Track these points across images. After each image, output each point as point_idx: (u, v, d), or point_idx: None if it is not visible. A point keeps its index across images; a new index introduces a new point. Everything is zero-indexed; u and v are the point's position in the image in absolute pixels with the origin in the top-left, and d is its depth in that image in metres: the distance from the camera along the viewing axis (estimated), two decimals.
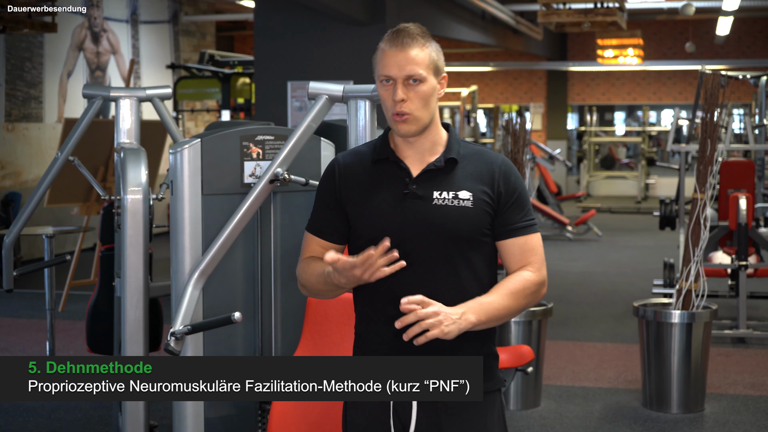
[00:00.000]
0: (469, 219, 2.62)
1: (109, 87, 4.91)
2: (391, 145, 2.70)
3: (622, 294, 9.74)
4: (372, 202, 2.65)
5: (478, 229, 2.64)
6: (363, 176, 2.69)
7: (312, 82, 3.79)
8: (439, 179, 2.65)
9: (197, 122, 16.36)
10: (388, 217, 2.62)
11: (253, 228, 3.85)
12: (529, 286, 2.65)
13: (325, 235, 2.72)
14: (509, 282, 2.65)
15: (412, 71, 2.59)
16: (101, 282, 5.11)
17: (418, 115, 2.62)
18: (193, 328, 3.51)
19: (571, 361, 7.10)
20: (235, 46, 21.47)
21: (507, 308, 2.62)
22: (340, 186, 2.70)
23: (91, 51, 13.84)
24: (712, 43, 20.54)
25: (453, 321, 2.49)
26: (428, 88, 2.62)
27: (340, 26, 9.17)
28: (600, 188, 22.12)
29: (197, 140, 3.73)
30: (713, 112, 5.89)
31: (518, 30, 15.59)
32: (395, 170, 2.67)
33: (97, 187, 5.10)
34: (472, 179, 2.66)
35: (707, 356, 5.86)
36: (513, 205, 2.67)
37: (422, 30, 2.63)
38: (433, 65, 2.63)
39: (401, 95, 2.59)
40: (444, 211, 2.61)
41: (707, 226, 5.85)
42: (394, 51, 2.60)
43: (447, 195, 2.63)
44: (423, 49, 2.61)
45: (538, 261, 2.69)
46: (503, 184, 2.66)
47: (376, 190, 2.66)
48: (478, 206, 2.63)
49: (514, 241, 2.67)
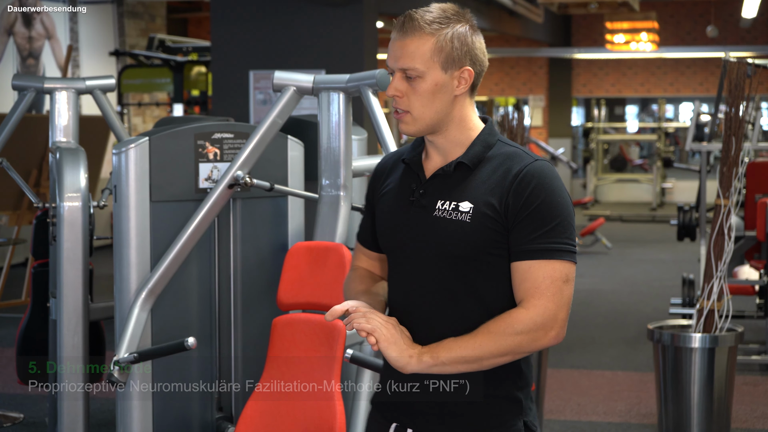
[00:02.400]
0: (465, 235, 2.54)
1: (42, 77, 4.90)
2: (424, 146, 2.70)
3: (635, 315, 9.77)
4: (386, 209, 2.68)
5: (477, 248, 2.55)
6: (392, 179, 2.71)
7: (278, 72, 3.79)
8: (447, 186, 2.59)
9: (145, 118, 16.33)
10: (394, 227, 2.64)
11: (210, 240, 3.85)
12: (513, 324, 2.50)
13: (366, 242, 2.79)
14: (493, 319, 2.53)
15: (405, 64, 2.55)
16: (34, 303, 5.09)
17: (417, 114, 2.57)
18: (141, 355, 3.50)
19: (576, 392, 7.12)
20: (189, 30, 21.45)
21: (479, 347, 2.50)
22: (376, 188, 2.75)
23: (22, 36, 13.80)
24: (737, 27, 20.66)
25: (396, 340, 2.49)
26: (429, 85, 2.56)
27: (310, 7, 9.18)
28: (609, 193, 22.19)
29: (145, 139, 3.72)
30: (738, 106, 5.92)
31: (515, 12, 15.64)
32: (411, 173, 2.66)
33: (29, 193, 5.08)
34: (482, 188, 2.57)
35: (732, 386, 5.88)
36: (525, 220, 2.52)
37: (444, 14, 2.59)
38: (442, 57, 2.56)
39: (392, 91, 2.56)
40: (440, 224, 2.56)
41: (732, 236, 5.87)
42: (395, 38, 2.58)
43: (448, 206, 2.57)
44: (426, 39, 2.55)
45: (539, 296, 2.51)
46: (513, 196, 2.53)
47: (392, 195, 2.68)
48: (477, 221, 2.54)
49: (518, 265, 2.54)
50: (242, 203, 3.89)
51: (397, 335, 2.50)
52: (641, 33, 16.69)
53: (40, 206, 5.02)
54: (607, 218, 17.89)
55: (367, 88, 3.84)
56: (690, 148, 8.99)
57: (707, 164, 8.66)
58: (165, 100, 15.59)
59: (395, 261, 2.64)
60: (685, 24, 21.32)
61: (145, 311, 3.63)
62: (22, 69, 13.76)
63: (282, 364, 3.46)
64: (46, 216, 5.13)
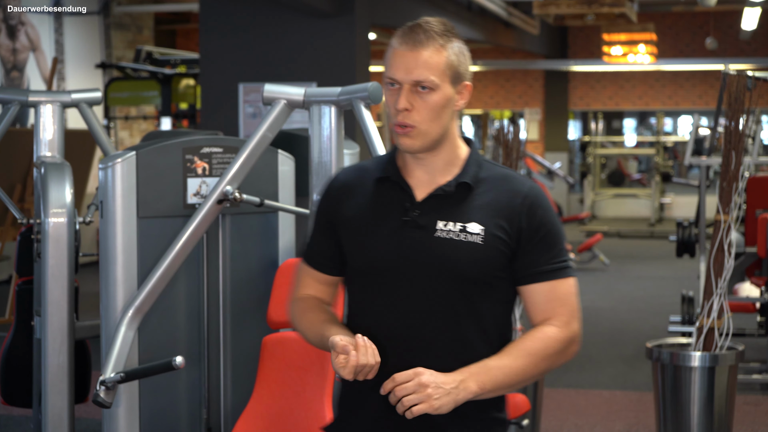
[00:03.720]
0: (477, 258, 2.56)
1: (27, 90, 4.90)
2: (399, 162, 2.66)
3: (634, 333, 9.77)
4: (367, 229, 2.61)
5: (488, 272, 2.58)
6: (362, 197, 2.65)
7: (268, 85, 3.80)
8: (447, 207, 2.60)
9: (132, 132, 16.33)
10: (382, 247, 2.58)
11: (198, 257, 3.85)
12: (551, 344, 2.58)
13: (319, 265, 2.71)
14: (527, 340, 2.58)
15: (421, 76, 2.54)
16: (18, 321, 5.08)
17: (425, 128, 2.56)
18: (127, 375, 3.50)
19: (573, 412, 7.12)
20: (178, 42, 21.46)
21: (522, 373, 2.56)
22: (335, 206, 2.67)
23: (5, 48, 13.81)
24: (737, 39, 20.73)
25: (446, 392, 2.45)
26: (440, 99, 2.56)
27: (300, 19, 9.19)
28: (607, 209, 22.22)
29: (132, 153, 3.72)
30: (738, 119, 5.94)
31: (511, 23, 15.68)
32: (397, 192, 2.63)
33: (13, 209, 5.08)
34: (488, 210, 2.60)
35: (733, 406, 5.88)
36: (539, 243, 2.60)
37: (445, 27, 2.59)
38: (452, 71, 2.58)
39: (404, 103, 2.54)
40: (447, 245, 2.56)
41: (732, 252, 5.88)
42: (404, 50, 2.55)
43: (453, 227, 2.57)
44: (440, 52, 2.56)
45: (566, 313, 2.61)
46: (526, 219, 2.59)
47: (374, 214, 2.62)
48: (489, 243, 2.57)
49: (538, 287, 2.61)
50: (231, 219, 3.90)
51: (445, 388, 2.47)
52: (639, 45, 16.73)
53: (25, 222, 5.02)
54: (604, 234, 17.90)
55: (359, 101, 3.84)
56: (689, 163, 9.01)
57: (707, 179, 8.68)
58: (152, 113, 15.59)
59: (377, 284, 2.59)
60: (684, 36, 21.39)
61: (132, 330, 3.63)
62: (6, 82, 13.76)
63: (272, 384, 3.46)
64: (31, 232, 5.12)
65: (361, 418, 2.63)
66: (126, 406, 3.71)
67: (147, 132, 10.42)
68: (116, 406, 3.69)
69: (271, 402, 3.45)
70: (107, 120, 14.18)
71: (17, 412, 6.63)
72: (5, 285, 11.15)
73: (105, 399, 3.50)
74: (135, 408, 3.73)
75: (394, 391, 2.45)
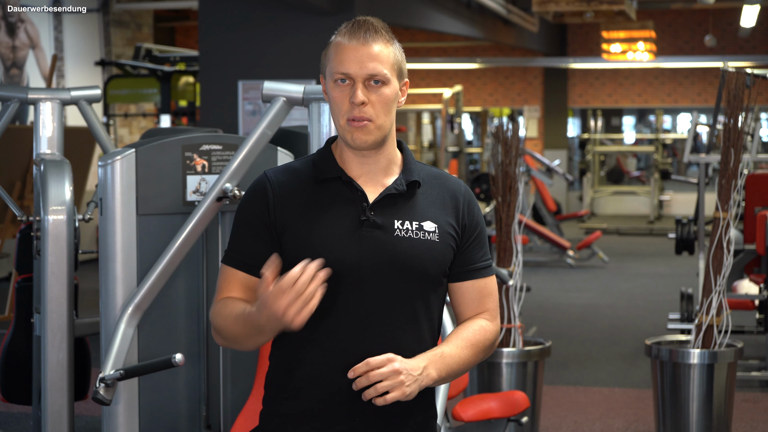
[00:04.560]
0: (435, 255, 2.62)
1: (27, 87, 4.90)
2: (338, 162, 2.65)
3: (633, 330, 9.78)
4: (319, 231, 2.58)
5: (443, 268, 2.65)
6: (303, 198, 2.62)
7: (267, 82, 3.80)
8: (400, 206, 2.62)
9: (132, 129, 16.33)
10: (341, 248, 2.56)
11: (198, 254, 3.85)
12: (489, 337, 2.68)
13: (252, 269, 2.62)
14: (467, 331, 2.66)
15: (375, 70, 2.56)
16: (17, 318, 5.08)
17: (381, 122, 2.58)
18: (127, 372, 3.50)
19: (572, 410, 7.12)
20: (177, 40, 21.46)
21: (466, 363, 2.64)
22: (275, 209, 2.62)
23: (5, 45, 13.80)
24: (736, 36, 20.72)
25: (414, 379, 2.50)
26: (392, 92, 2.59)
27: (300, 16, 9.19)
28: (606, 206, 22.23)
29: (131, 150, 3.72)
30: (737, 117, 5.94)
31: (510, 20, 15.68)
32: (346, 192, 2.62)
33: (13, 206, 5.08)
34: (436, 208, 2.65)
35: (731, 402, 5.88)
36: (475, 240, 2.69)
37: (385, 25, 2.62)
38: (398, 66, 2.62)
39: (361, 97, 2.55)
40: (407, 244, 2.59)
41: (731, 250, 5.88)
42: (355, 44, 2.57)
43: (410, 225, 2.60)
44: (387, 46, 2.59)
45: (495, 308, 2.73)
46: (468, 216, 2.68)
47: (324, 215, 2.60)
48: (444, 240, 2.63)
49: (473, 283, 2.70)
50: (231, 216, 3.89)
51: (413, 374, 2.51)
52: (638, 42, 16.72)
53: (24, 219, 5.01)
54: (603, 231, 17.91)
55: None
56: (688, 160, 9.01)
57: (706, 176, 8.67)
58: (152, 110, 15.59)
59: (337, 285, 2.53)
60: (683, 33, 21.38)
61: (132, 327, 3.63)
62: (6, 79, 13.76)
63: None
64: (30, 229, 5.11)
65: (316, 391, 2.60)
66: (125, 403, 3.71)
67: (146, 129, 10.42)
68: (116, 403, 3.69)
69: None
70: (107, 117, 14.17)
71: (17, 409, 6.63)
72: (5, 282, 11.15)
73: (104, 396, 3.50)
74: (134, 405, 3.73)
75: (368, 375, 2.47)
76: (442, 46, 21.56)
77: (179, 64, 13.94)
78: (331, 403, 2.58)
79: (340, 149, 2.67)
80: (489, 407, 4.16)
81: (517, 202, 6.05)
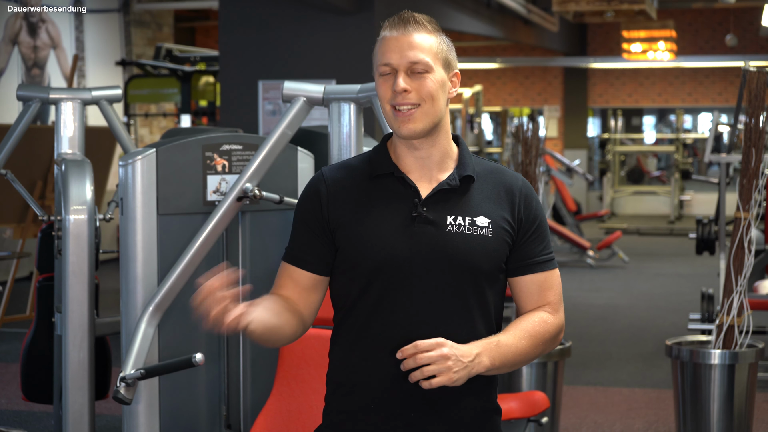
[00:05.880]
0: (488, 250, 2.60)
1: (48, 87, 4.92)
2: (392, 158, 2.66)
3: (653, 331, 9.75)
4: (372, 227, 2.59)
5: (498, 263, 2.63)
6: (357, 194, 2.64)
7: (287, 82, 3.80)
8: (453, 201, 2.62)
9: (152, 129, 16.37)
10: (393, 244, 2.57)
11: (218, 254, 3.85)
12: (549, 329, 2.65)
13: (304, 263, 2.66)
14: (527, 322, 2.63)
15: (416, 57, 2.55)
16: (38, 318, 5.10)
17: (428, 108, 2.57)
18: (147, 372, 3.50)
19: (593, 410, 7.10)
20: (197, 39, 21.50)
21: (524, 354, 2.61)
22: (328, 205, 2.64)
23: (27, 45, 13.85)
24: (757, 35, 20.64)
25: (464, 365, 2.48)
26: (436, 81, 2.57)
27: (320, 16, 9.19)
28: (626, 206, 22.17)
29: (152, 150, 3.73)
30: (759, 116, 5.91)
31: (530, 20, 15.66)
32: (399, 188, 2.62)
33: (34, 206, 5.09)
34: (491, 203, 2.63)
35: (752, 403, 5.86)
36: (533, 234, 2.67)
37: (430, 19, 2.61)
38: (443, 56, 2.60)
39: (402, 84, 2.55)
40: (460, 240, 2.58)
41: (752, 250, 5.86)
42: (396, 35, 2.57)
43: (462, 221, 2.60)
44: (430, 35, 2.58)
45: (557, 302, 2.70)
46: (524, 210, 2.66)
47: (377, 211, 2.61)
48: (498, 235, 2.62)
49: (533, 277, 2.67)
50: (251, 216, 3.90)
51: (463, 361, 2.50)
52: (659, 42, 16.68)
53: (45, 219, 5.03)
54: (624, 231, 17.86)
55: (378, 98, 3.84)
56: (709, 160, 8.97)
57: (726, 176, 8.64)
58: (172, 110, 15.62)
59: (389, 282, 2.57)
60: (704, 33, 21.31)
61: (152, 327, 3.63)
62: (27, 79, 13.81)
63: (292, 381, 3.46)
64: (51, 229, 5.14)
65: (372, 385, 2.62)
66: (146, 403, 3.71)
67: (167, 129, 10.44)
68: (136, 402, 3.70)
69: (290, 398, 3.45)
70: (127, 117, 14.22)
71: (38, 408, 6.66)
72: (26, 281, 11.19)
73: (125, 395, 3.51)
74: (155, 404, 3.74)
75: (415, 358, 2.46)
76: (462, 46, 21.54)
77: (199, 63, 13.97)
78: (386, 398, 2.59)
79: (394, 144, 2.67)
80: (509, 407, 4.15)
81: None
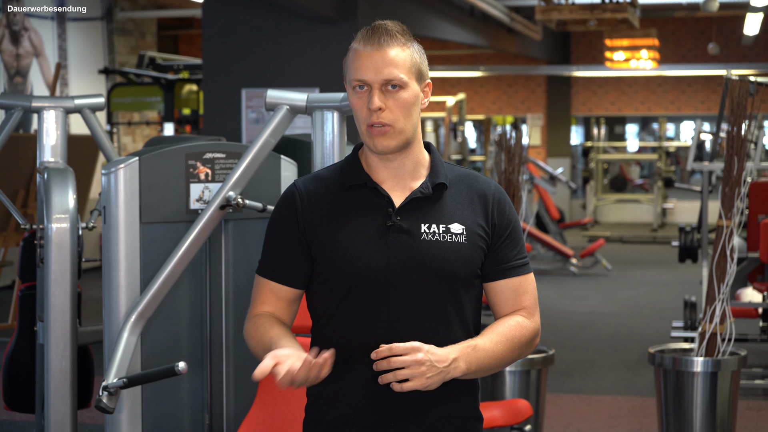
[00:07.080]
0: (464, 257, 2.61)
1: (30, 96, 4.90)
2: (365, 168, 2.66)
3: (636, 338, 9.77)
4: (347, 238, 2.59)
5: (473, 269, 2.63)
6: (331, 206, 2.63)
7: (270, 90, 3.80)
8: (427, 209, 2.62)
9: (135, 137, 16.34)
10: (369, 255, 2.57)
11: (201, 262, 3.85)
12: (525, 333, 2.65)
13: (283, 278, 2.66)
14: (503, 326, 2.64)
15: (390, 75, 2.55)
16: (20, 326, 5.08)
17: (400, 126, 2.57)
18: (130, 380, 3.50)
19: (576, 418, 7.11)
20: (180, 48, 21.48)
21: (500, 358, 2.61)
22: (303, 218, 2.64)
23: (9, 53, 13.82)
24: (739, 44, 20.73)
25: (439, 371, 2.48)
26: (410, 96, 2.58)
27: (303, 24, 9.20)
28: (609, 214, 22.21)
29: (135, 158, 3.73)
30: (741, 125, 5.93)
31: (513, 29, 15.69)
32: (372, 198, 2.62)
33: (16, 214, 5.08)
34: (464, 209, 2.64)
35: (735, 411, 5.88)
36: (507, 239, 2.67)
37: (402, 28, 2.61)
38: (416, 69, 2.60)
39: (378, 103, 2.55)
40: (434, 247, 2.59)
41: (735, 258, 5.88)
42: (370, 51, 2.56)
43: (437, 228, 2.60)
44: (404, 49, 2.58)
45: (532, 306, 2.70)
46: (498, 215, 2.66)
47: (351, 222, 2.61)
48: (472, 242, 2.62)
49: (508, 282, 2.67)
50: (234, 225, 3.90)
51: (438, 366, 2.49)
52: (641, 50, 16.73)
53: (28, 228, 5.02)
54: (607, 239, 17.90)
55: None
56: (691, 168, 9.00)
57: (709, 184, 8.67)
58: (155, 119, 15.61)
59: (366, 292, 2.58)
60: (686, 41, 21.39)
61: (135, 335, 3.63)
62: (9, 87, 13.78)
63: (274, 389, 3.46)
64: (34, 237, 5.12)
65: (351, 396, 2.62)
66: (129, 412, 3.71)
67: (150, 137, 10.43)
68: (119, 411, 3.69)
69: (273, 407, 3.45)
70: (110, 125, 14.19)
71: (20, 417, 6.63)
72: (8, 290, 11.16)
73: (108, 404, 3.50)
74: (138, 413, 3.73)
75: (389, 361, 2.46)
76: (446, 54, 21.57)
77: (182, 72, 13.96)
78: (365, 408, 2.59)
79: (366, 155, 2.67)
80: (492, 415, 4.15)
81: (521, 210, 6.05)
